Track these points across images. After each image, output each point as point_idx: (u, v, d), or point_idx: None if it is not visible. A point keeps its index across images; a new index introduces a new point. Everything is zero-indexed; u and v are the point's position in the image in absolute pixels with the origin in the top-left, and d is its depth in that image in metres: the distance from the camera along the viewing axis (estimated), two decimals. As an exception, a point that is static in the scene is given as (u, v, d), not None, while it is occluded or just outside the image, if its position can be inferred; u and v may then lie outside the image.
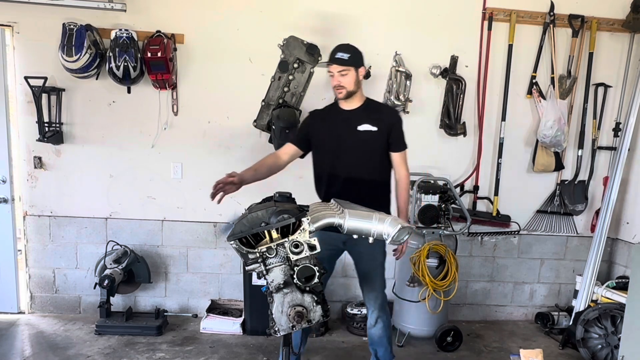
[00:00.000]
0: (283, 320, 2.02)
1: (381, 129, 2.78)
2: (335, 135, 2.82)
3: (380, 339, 2.91)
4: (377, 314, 2.87)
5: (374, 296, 2.87)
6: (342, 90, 2.74)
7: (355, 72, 2.75)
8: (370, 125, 2.78)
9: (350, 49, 2.76)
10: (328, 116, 2.90)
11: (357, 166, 2.79)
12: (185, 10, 3.72)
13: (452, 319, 4.02)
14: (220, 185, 2.55)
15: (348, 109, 2.83)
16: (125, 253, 3.78)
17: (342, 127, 2.81)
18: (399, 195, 2.92)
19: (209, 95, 3.83)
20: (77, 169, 3.85)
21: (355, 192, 2.68)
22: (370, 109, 2.85)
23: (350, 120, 2.80)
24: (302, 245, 2.02)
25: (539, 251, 4.26)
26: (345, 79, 2.72)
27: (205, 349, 3.54)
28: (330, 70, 2.75)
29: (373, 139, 2.79)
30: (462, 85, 3.89)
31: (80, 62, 3.44)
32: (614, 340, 3.33)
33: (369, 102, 2.88)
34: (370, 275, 2.87)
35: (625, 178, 3.99)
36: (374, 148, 2.81)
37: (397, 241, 2.14)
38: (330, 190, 2.80)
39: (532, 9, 3.89)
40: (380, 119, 2.80)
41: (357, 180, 2.78)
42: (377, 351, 2.95)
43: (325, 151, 2.85)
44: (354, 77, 2.74)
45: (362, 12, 3.80)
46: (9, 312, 3.94)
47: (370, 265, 2.86)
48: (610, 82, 4.04)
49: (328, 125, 2.85)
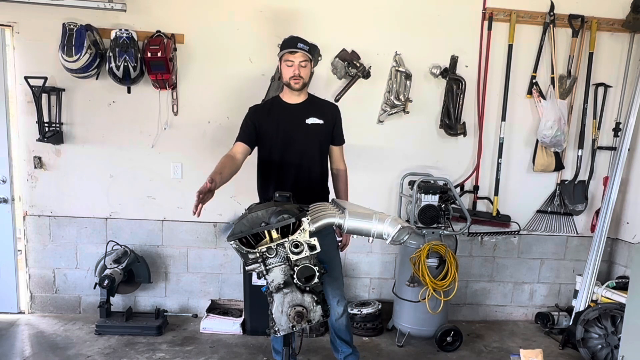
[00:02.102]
0: (283, 320, 2.03)
1: (327, 122, 2.89)
2: (283, 128, 2.85)
3: (347, 327, 2.97)
4: (343, 302, 2.91)
5: (337, 285, 2.90)
6: (299, 80, 2.78)
7: (311, 64, 2.84)
8: (317, 118, 2.86)
9: (308, 42, 2.82)
10: (273, 110, 2.91)
11: (306, 158, 2.86)
12: (185, 10, 3.72)
13: (452, 319, 4.02)
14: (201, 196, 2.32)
15: (294, 103, 2.89)
16: (125, 253, 3.78)
17: (290, 121, 2.86)
18: (339, 189, 3.02)
19: (209, 95, 3.83)
20: (77, 169, 3.85)
21: (305, 183, 2.82)
22: (315, 103, 2.95)
23: (298, 113, 2.86)
24: (302, 245, 2.03)
25: (539, 251, 4.26)
26: (304, 70, 2.78)
27: (205, 349, 3.54)
28: (291, 59, 2.76)
29: (320, 132, 2.88)
30: (462, 85, 3.89)
31: (80, 62, 3.44)
32: (614, 340, 3.33)
33: (312, 97, 2.97)
34: (332, 266, 2.83)
35: (625, 178, 3.99)
36: (320, 140, 2.90)
37: (397, 241, 2.14)
38: (282, 182, 2.85)
39: (532, 9, 3.88)
40: (325, 112, 2.91)
41: (306, 172, 2.86)
42: (346, 339, 2.99)
43: (273, 144, 2.86)
44: (309, 69, 2.84)
45: (362, 12, 3.80)
46: (9, 312, 3.94)
47: (330, 255, 2.84)
48: (610, 82, 4.03)
49: (275, 119, 2.87)
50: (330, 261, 2.86)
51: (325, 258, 2.83)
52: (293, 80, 2.78)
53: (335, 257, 2.93)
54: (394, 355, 3.58)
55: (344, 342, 3.01)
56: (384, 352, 3.62)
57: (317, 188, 2.89)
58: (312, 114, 2.86)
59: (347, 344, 3.01)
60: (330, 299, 2.87)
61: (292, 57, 2.74)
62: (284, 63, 2.79)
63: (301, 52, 2.73)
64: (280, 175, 2.87)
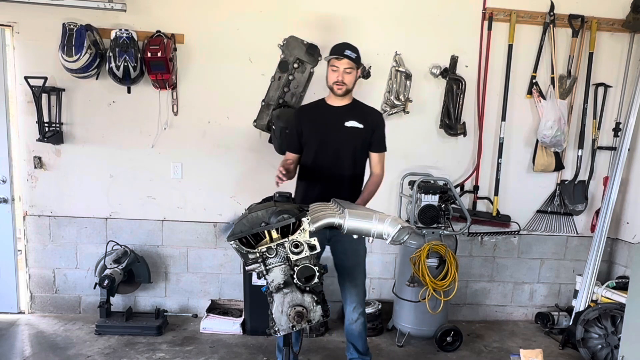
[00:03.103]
0: (283, 320, 2.03)
1: (366, 127, 2.90)
2: (322, 129, 2.92)
3: (360, 334, 2.98)
4: (359, 309, 2.93)
5: (356, 292, 2.92)
6: (342, 87, 2.83)
7: (357, 72, 2.87)
8: (357, 122, 2.88)
9: (356, 49, 2.86)
10: (316, 111, 2.99)
11: (341, 160, 2.89)
12: (185, 10, 3.72)
13: (452, 319, 4.02)
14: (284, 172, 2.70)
15: (336, 105, 2.93)
16: (125, 253, 3.78)
17: (329, 122, 2.91)
18: (367, 186, 3.00)
19: (209, 95, 3.82)
20: (77, 169, 3.85)
21: (335, 185, 2.84)
22: (358, 107, 2.97)
23: (338, 116, 2.90)
24: (302, 245, 2.03)
25: (539, 251, 4.26)
26: (348, 77, 2.82)
27: (205, 349, 3.54)
28: (336, 65, 2.80)
29: (358, 135, 2.90)
30: (462, 85, 3.89)
31: (80, 62, 3.44)
32: (614, 340, 3.33)
33: (356, 102, 2.99)
34: (354, 271, 2.92)
35: (625, 178, 3.99)
36: (357, 144, 2.91)
37: (397, 241, 2.14)
38: (313, 182, 2.92)
39: (532, 9, 3.88)
40: (366, 118, 2.92)
41: (337, 174, 2.88)
42: (357, 345, 3.01)
43: (311, 144, 2.94)
44: (355, 76, 2.87)
45: (362, 12, 3.80)
46: (9, 312, 3.94)
47: (354, 261, 2.92)
48: (610, 82, 4.03)
49: (316, 120, 2.95)
50: (354, 267, 2.92)
51: (349, 263, 2.90)
52: (336, 86, 2.83)
53: (360, 264, 2.95)
54: (394, 355, 3.58)
55: (353, 346, 3.03)
56: (384, 352, 3.61)
57: (346, 192, 2.86)
58: (352, 117, 2.88)
59: (356, 350, 3.02)
60: (348, 304, 2.94)
61: (338, 63, 2.79)
62: (330, 67, 2.85)
63: (347, 59, 2.76)
64: (312, 175, 2.92)
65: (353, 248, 2.85)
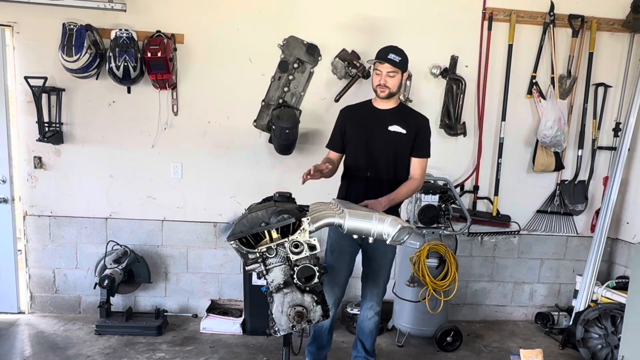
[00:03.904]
0: (283, 320, 2.03)
1: (409, 132, 2.85)
2: (365, 131, 2.90)
3: (371, 332, 3.01)
4: (376, 308, 2.97)
5: (377, 292, 2.97)
6: (385, 90, 2.81)
7: (401, 75, 2.83)
8: (401, 127, 2.85)
9: (402, 52, 2.83)
10: (361, 112, 2.97)
11: (381, 164, 2.86)
12: (185, 10, 3.72)
13: (452, 319, 4.02)
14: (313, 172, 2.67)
15: (382, 108, 2.91)
16: (125, 253, 3.78)
17: (373, 125, 2.89)
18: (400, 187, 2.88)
19: (209, 95, 3.82)
20: (77, 169, 3.85)
21: (374, 188, 2.80)
22: (403, 112, 2.93)
23: (383, 119, 2.88)
24: (302, 245, 2.03)
25: (539, 251, 4.26)
26: (391, 81, 2.79)
27: (205, 349, 3.54)
28: (379, 68, 2.80)
29: (400, 141, 2.86)
30: (462, 85, 3.89)
31: (80, 62, 3.44)
32: (614, 340, 3.33)
33: (402, 105, 2.98)
34: (379, 272, 2.95)
35: (625, 178, 3.99)
36: (399, 149, 2.87)
37: (397, 241, 2.14)
38: (353, 183, 2.91)
39: (532, 9, 3.89)
40: (410, 123, 2.87)
41: (377, 178, 2.85)
42: (365, 342, 3.04)
43: (354, 145, 2.93)
44: (399, 79, 2.82)
45: (361, 13, 3.79)
46: (9, 312, 3.94)
47: (382, 263, 2.94)
48: (610, 82, 4.04)
49: (360, 121, 2.93)
50: (380, 269, 2.94)
51: (376, 264, 2.93)
52: (379, 89, 2.82)
53: (386, 265, 2.96)
54: (394, 355, 3.58)
55: (361, 343, 3.06)
56: (384, 352, 3.61)
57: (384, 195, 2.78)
58: (396, 121, 2.85)
59: (364, 348, 3.05)
60: (366, 301, 2.99)
61: (381, 66, 2.78)
62: (374, 71, 2.85)
63: (388, 63, 2.76)
64: (352, 177, 2.92)
65: (383, 250, 2.85)
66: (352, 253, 2.93)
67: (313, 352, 3.04)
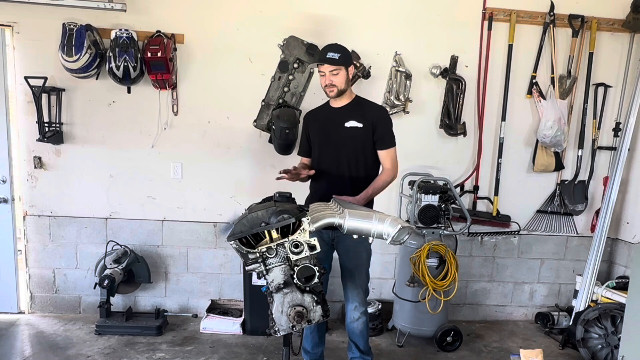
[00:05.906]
0: (283, 320, 2.03)
1: (366, 125, 2.86)
2: (323, 132, 2.95)
3: (361, 332, 2.98)
4: (360, 309, 2.92)
5: (357, 292, 2.92)
6: (333, 89, 2.84)
7: (346, 71, 2.84)
8: (357, 121, 2.86)
9: (340, 48, 2.84)
10: (320, 114, 3.04)
11: (343, 162, 2.88)
12: (185, 10, 3.72)
13: (452, 319, 4.02)
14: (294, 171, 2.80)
15: (337, 107, 2.94)
16: (125, 253, 3.78)
17: (330, 124, 2.92)
18: (373, 181, 2.90)
19: (209, 95, 3.82)
20: (77, 168, 3.85)
21: (339, 187, 2.82)
22: (358, 106, 2.94)
23: (339, 117, 2.90)
24: (302, 245, 2.03)
25: (539, 251, 4.26)
26: (336, 78, 2.81)
27: (205, 349, 3.54)
28: (322, 70, 2.83)
29: (358, 136, 2.87)
30: (462, 85, 3.88)
31: (80, 62, 3.44)
32: (614, 340, 3.33)
33: (357, 99, 2.97)
34: (355, 273, 2.91)
35: (625, 178, 3.99)
36: (358, 144, 2.88)
37: (397, 241, 2.14)
38: (319, 185, 2.95)
39: (532, 9, 3.88)
40: (366, 115, 2.88)
41: (340, 176, 2.88)
42: (358, 343, 3.01)
43: (316, 147, 3.00)
44: (344, 76, 2.84)
45: (362, 12, 3.80)
46: (9, 312, 3.94)
47: (357, 262, 2.91)
48: (610, 82, 4.03)
49: (319, 123, 3.00)
50: (355, 268, 2.91)
51: (350, 264, 2.90)
52: (327, 89, 2.86)
53: (361, 265, 2.93)
54: (394, 355, 3.58)
55: (354, 345, 3.03)
56: (384, 352, 3.62)
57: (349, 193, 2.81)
58: (352, 117, 2.86)
59: (358, 349, 3.02)
60: (349, 303, 2.93)
61: (323, 68, 2.82)
62: (319, 73, 2.87)
63: (327, 63, 2.78)
64: (317, 177, 2.95)
65: (355, 249, 2.86)
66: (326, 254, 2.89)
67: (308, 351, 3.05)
